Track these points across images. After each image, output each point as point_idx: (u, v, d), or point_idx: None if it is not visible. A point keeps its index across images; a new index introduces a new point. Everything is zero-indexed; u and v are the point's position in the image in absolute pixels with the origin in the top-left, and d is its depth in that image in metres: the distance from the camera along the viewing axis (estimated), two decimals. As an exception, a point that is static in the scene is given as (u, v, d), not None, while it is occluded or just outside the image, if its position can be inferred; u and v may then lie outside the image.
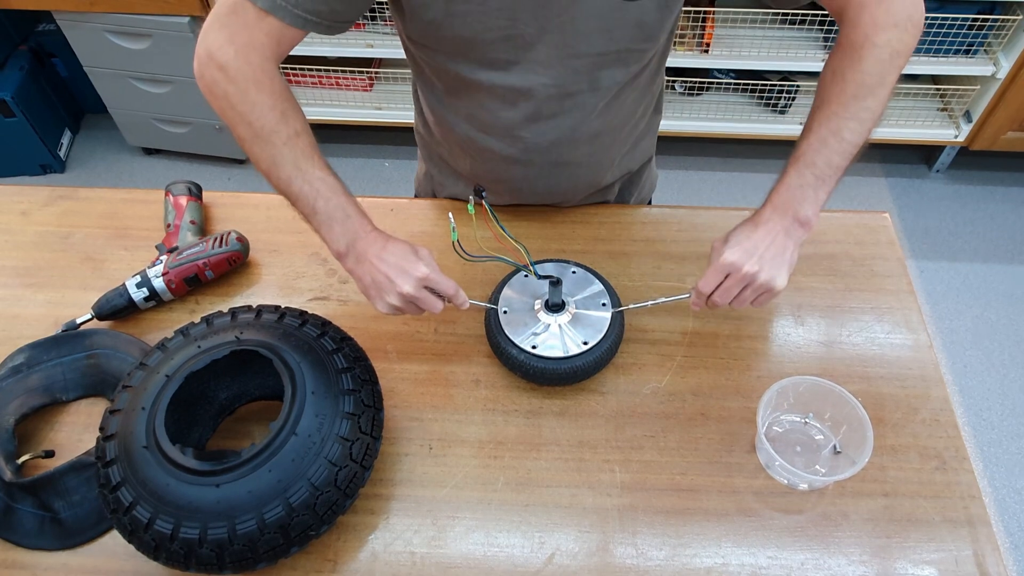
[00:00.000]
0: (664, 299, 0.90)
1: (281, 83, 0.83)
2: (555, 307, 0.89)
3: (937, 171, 2.54)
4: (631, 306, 0.92)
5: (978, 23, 2.10)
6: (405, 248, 0.83)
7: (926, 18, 2.36)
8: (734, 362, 0.94)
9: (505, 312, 0.91)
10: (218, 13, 0.79)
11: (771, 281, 0.82)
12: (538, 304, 0.91)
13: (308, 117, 0.85)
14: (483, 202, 0.83)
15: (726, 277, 0.83)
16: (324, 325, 0.83)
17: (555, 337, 0.88)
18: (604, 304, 0.91)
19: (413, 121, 1.16)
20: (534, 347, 0.87)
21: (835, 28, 2.16)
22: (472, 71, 0.88)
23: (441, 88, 0.96)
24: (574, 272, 0.94)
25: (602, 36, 0.84)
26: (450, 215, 0.86)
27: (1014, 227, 2.40)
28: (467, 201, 0.81)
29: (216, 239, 1.00)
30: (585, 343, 0.87)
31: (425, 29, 0.85)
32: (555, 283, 0.87)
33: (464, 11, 0.80)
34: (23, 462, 0.85)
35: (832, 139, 0.81)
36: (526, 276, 0.88)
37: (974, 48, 2.19)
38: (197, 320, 0.85)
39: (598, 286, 0.93)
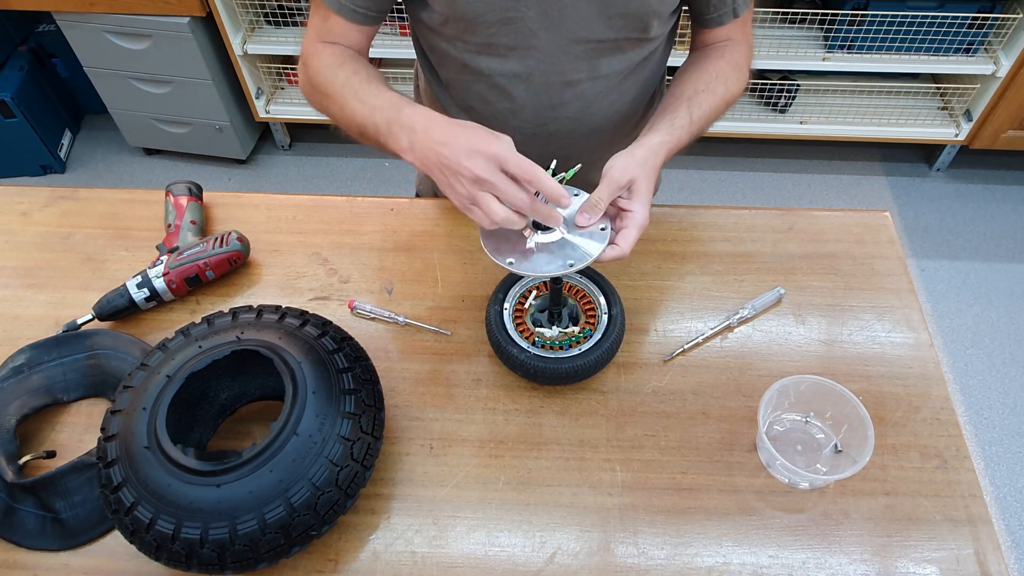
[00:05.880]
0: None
1: (347, 52, 0.91)
2: (545, 228, 0.80)
3: (937, 170, 2.54)
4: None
5: (978, 22, 2.10)
6: (476, 127, 0.75)
7: (927, 17, 2.34)
8: (734, 361, 0.94)
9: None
10: (308, 22, 0.93)
11: None
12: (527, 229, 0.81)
13: (307, 117, 0.85)
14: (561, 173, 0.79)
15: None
16: (325, 325, 0.83)
17: (536, 255, 0.79)
18: (603, 229, 0.81)
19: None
20: (510, 262, 0.79)
21: (836, 29, 2.16)
22: (473, 58, 0.89)
23: (442, 77, 0.97)
24: (576, 195, 0.85)
25: (601, 22, 0.85)
26: (554, 161, 0.81)
27: (1015, 226, 2.39)
28: (548, 167, 0.76)
29: (217, 239, 1.00)
30: (571, 264, 0.78)
31: (429, 8, 0.87)
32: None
33: None
34: (24, 463, 0.85)
35: (702, 122, 0.90)
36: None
37: (974, 47, 2.19)
38: (198, 320, 0.85)
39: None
